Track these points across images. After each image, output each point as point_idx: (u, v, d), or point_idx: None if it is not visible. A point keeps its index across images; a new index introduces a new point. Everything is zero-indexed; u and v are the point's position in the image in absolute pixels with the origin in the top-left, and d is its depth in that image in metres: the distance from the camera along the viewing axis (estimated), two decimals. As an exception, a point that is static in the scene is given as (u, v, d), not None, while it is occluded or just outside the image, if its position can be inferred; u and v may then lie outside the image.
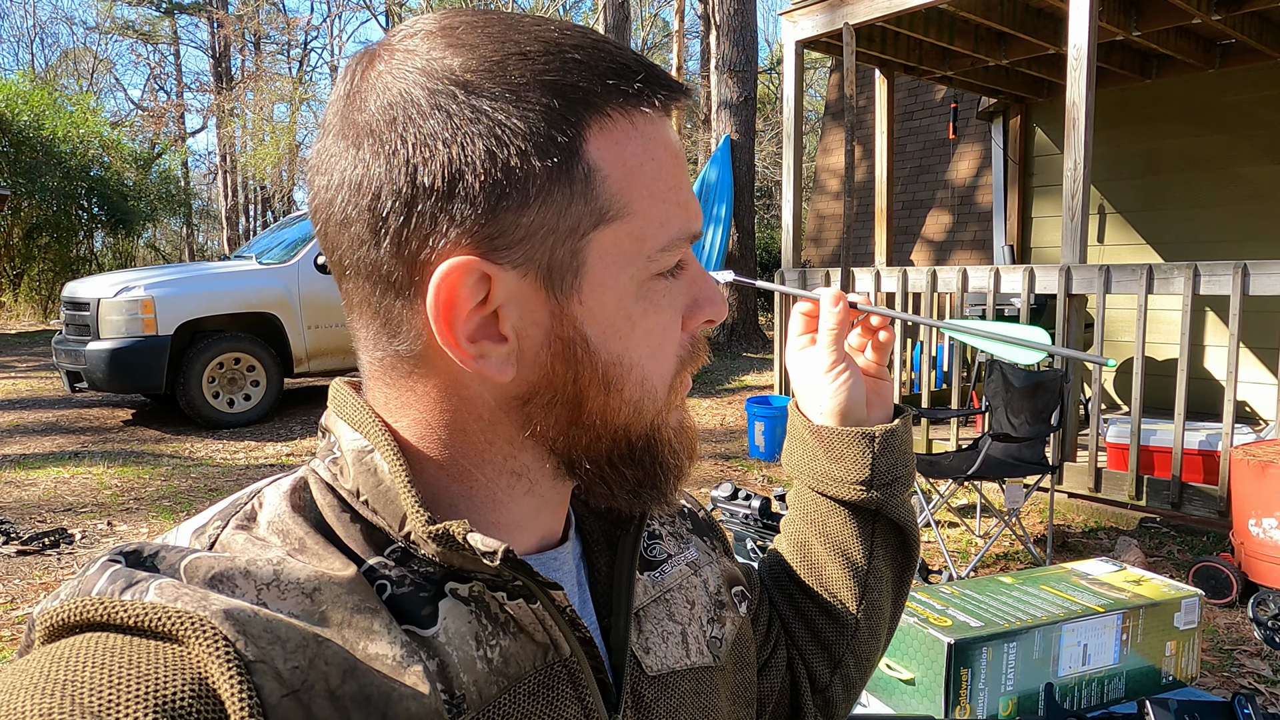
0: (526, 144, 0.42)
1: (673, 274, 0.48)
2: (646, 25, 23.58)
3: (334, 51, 30.12)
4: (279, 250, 6.94)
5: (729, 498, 1.48)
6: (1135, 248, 6.24)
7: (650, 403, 0.49)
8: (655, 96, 0.45)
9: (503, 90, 0.42)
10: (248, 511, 0.46)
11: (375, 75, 0.44)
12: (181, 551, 0.42)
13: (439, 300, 0.43)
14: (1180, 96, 6.01)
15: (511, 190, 0.42)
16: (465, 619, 0.45)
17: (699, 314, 0.50)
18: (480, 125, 0.42)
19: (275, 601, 0.41)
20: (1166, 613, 1.14)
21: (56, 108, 15.90)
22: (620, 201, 0.44)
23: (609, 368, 0.46)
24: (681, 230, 0.47)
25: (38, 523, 4.07)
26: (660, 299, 0.47)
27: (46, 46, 28.45)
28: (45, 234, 15.29)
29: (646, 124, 0.45)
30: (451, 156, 0.42)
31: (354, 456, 0.47)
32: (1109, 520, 4.13)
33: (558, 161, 0.42)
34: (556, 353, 0.45)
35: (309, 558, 0.44)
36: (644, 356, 0.47)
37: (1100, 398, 4.10)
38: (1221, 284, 3.68)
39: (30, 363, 9.38)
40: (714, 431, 6.18)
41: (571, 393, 0.46)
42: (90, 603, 0.39)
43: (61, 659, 0.37)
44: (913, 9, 4.83)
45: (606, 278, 0.45)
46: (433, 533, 0.44)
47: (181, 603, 0.38)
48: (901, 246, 8.75)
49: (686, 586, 0.61)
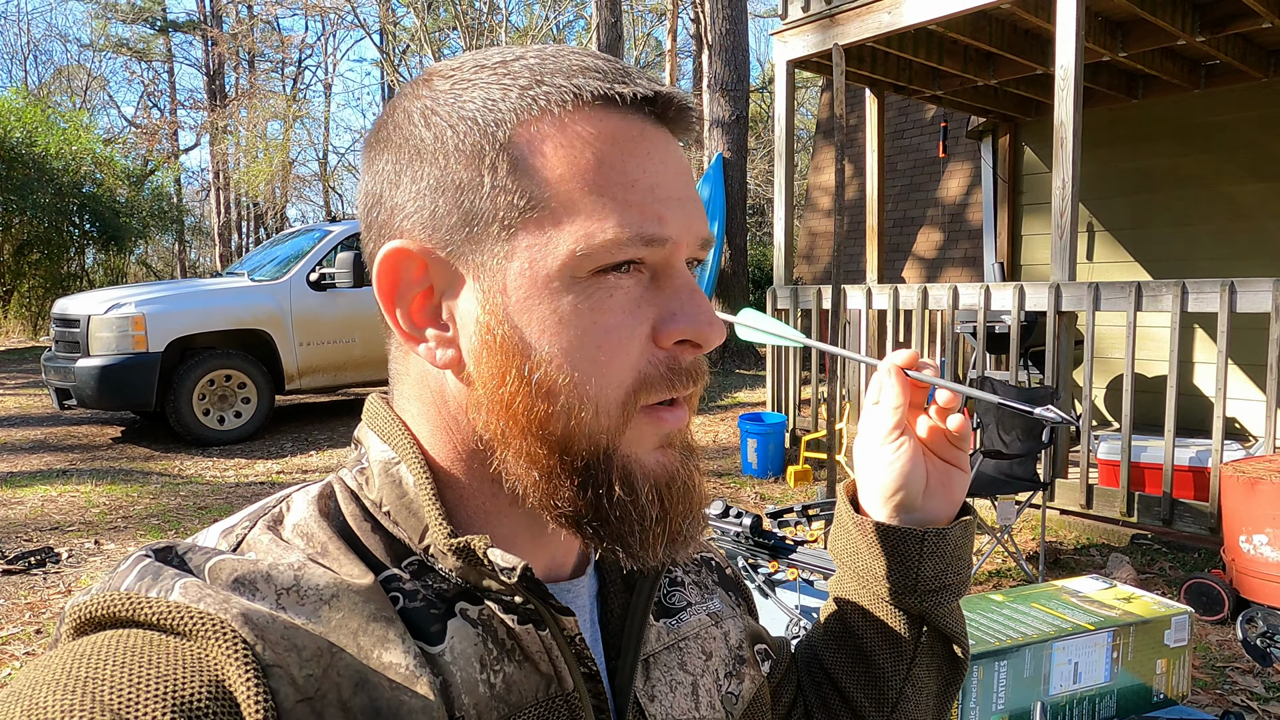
0: (454, 136, 0.45)
1: (636, 277, 0.45)
2: (640, 45, 23.77)
3: (328, 70, 30.23)
4: (271, 267, 6.93)
5: (720, 515, 1.47)
6: (1124, 265, 6.29)
7: (587, 412, 0.44)
8: (607, 88, 0.45)
9: (455, 93, 0.46)
10: (276, 514, 0.48)
11: (390, 105, 0.50)
12: (208, 553, 0.44)
13: (380, 281, 0.47)
14: (1167, 116, 6.08)
15: (444, 181, 0.45)
16: (472, 641, 0.45)
17: (673, 328, 0.46)
18: (426, 124, 0.46)
19: (294, 607, 0.42)
20: (1157, 630, 1.14)
21: (49, 125, 15.87)
22: (548, 192, 0.44)
23: (534, 364, 0.44)
24: (626, 227, 0.44)
25: (24, 541, 4.03)
26: (606, 298, 0.44)
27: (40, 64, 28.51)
28: (36, 250, 15.22)
29: (593, 119, 0.44)
30: (402, 152, 0.46)
31: (380, 468, 0.49)
32: (1101, 537, 4.13)
33: (482, 151, 0.44)
34: (487, 344, 0.45)
35: (330, 562, 0.45)
36: (575, 356, 0.44)
37: (1091, 414, 4.12)
38: (1209, 301, 3.71)
39: (19, 380, 9.32)
40: (707, 449, 6.18)
41: (498, 389, 0.45)
42: (118, 598, 0.40)
43: (84, 656, 0.38)
44: (902, 30, 4.88)
45: (530, 268, 0.44)
46: (454, 545, 0.44)
47: (204, 604, 0.40)
48: (893, 264, 8.80)
49: (705, 637, 0.59)
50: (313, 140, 27.68)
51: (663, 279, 0.46)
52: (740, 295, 10.22)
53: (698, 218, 0.47)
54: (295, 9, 24.90)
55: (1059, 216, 4.17)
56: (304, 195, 29.60)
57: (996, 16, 5.12)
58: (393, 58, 23.03)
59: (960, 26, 5.00)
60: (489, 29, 19.61)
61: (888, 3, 4.84)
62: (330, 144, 29.55)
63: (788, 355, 5.63)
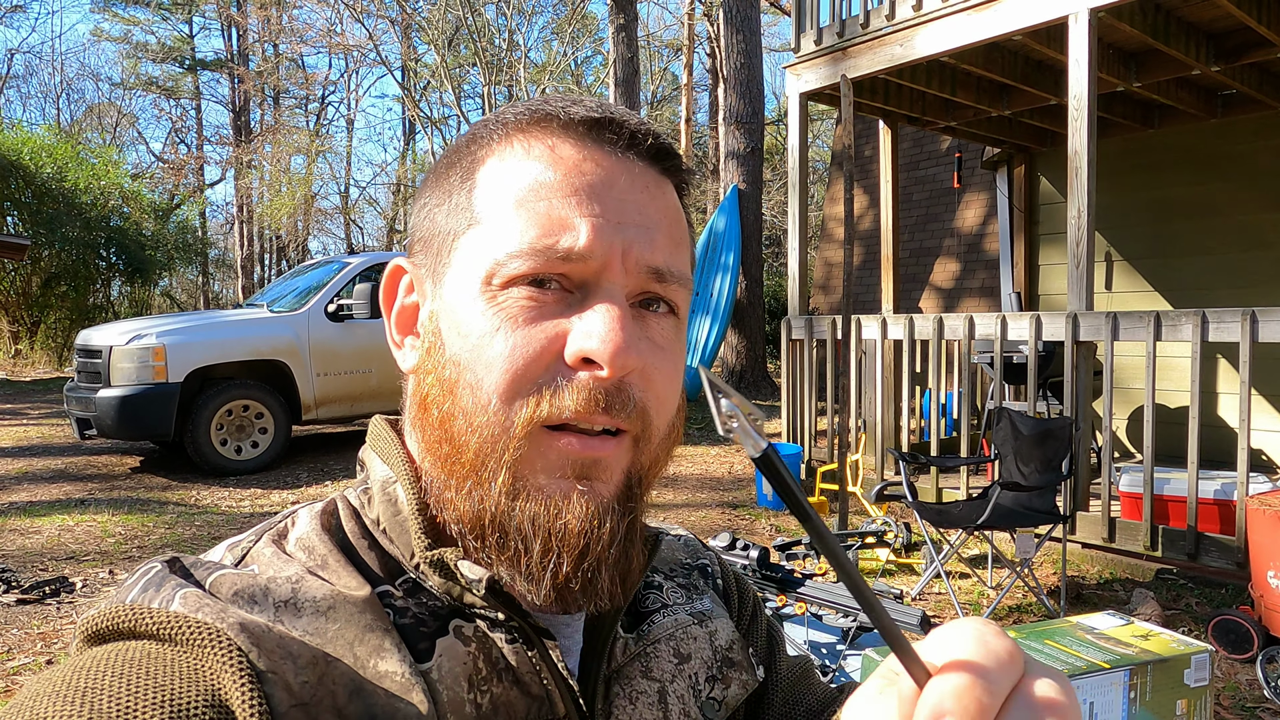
0: (442, 167, 0.51)
1: (556, 294, 0.45)
2: (656, 79, 24.08)
3: (350, 105, 30.85)
4: (290, 298, 7.01)
5: (727, 547, 1.45)
6: (1143, 294, 6.23)
7: (483, 418, 0.44)
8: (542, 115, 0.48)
9: (467, 131, 0.52)
10: (281, 529, 0.50)
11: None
12: (211, 567, 0.45)
13: (382, 294, 0.53)
14: (1184, 145, 6.06)
15: (426, 204, 0.51)
16: (462, 659, 0.45)
17: (572, 346, 0.44)
18: (440, 159, 0.53)
19: (291, 619, 0.43)
20: (1176, 669, 1.10)
21: (79, 160, 16.27)
22: (486, 209, 0.47)
23: (447, 366, 0.47)
24: (544, 238, 0.44)
25: (39, 570, 4.05)
26: (520, 313, 0.44)
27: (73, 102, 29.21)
28: (63, 283, 15.52)
29: (532, 143, 0.48)
30: (424, 182, 0.53)
31: (379, 486, 0.51)
32: (1124, 571, 4.04)
33: (457, 179, 0.50)
34: (425, 347, 0.49)
35: (329, 575, 0.46)
36: (480, 360, 0.45)
37: (1112, 446, 4.05)
38: (1230, 331, 3.66)
39: (43, 409, 9.44)
40: (721, 480, 6.13)
41: (424, 388, 0.48)
42: (123, 610, 0.42)
43: (85, 668, 0.40)
44: (914, 62, 4.91)
45: (458, 277, 0.47)
46: (429, 559, 0.46)
47: (202, 614, 0.41)
48: (909, 294, 8.77)
49: (680, 638, 0.56)
50: (335, 174, 28.17)
51: (588, 299, 0.45)
52: (756, 326, 10.21)
53: (643, 245, 0.46)
54: (320, 47, 25.49)
55: (1075, 246, 4.14)
56: (325, 228, 30.06)
57: (1009, 48, 5.15)
58: (414, 93, 23.47)
59: (972, 58, 5.03)
60: (508, 65, 19.96)
61: (899, 35, 4.88)
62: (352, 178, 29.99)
63: (803, 386, 5.59)
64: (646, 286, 0.47)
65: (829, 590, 1.42)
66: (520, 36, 19.95)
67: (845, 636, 1.40)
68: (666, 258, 0.47)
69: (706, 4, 17.35)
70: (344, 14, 22.28)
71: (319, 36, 23.76)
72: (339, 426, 8.10)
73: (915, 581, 3.84)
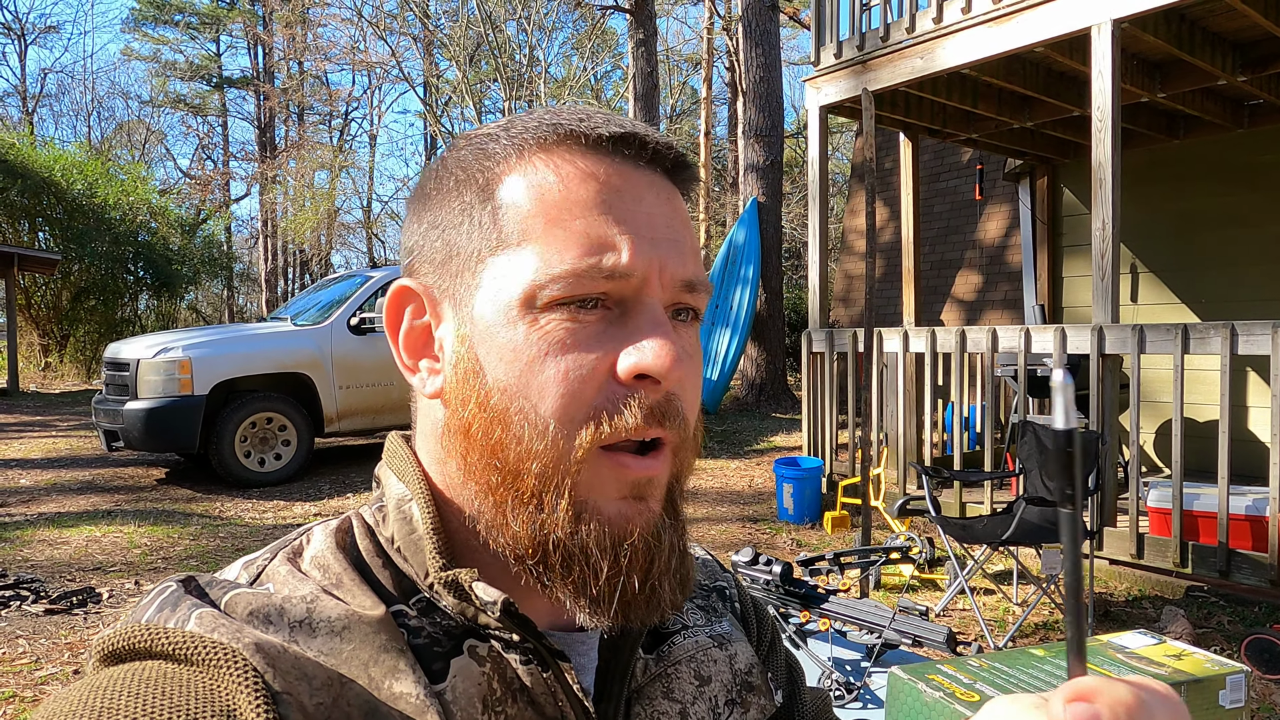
0: (452, 182, 0.49)
1: (600, 313, 0.45)
2: (676, 93, 24.18)
3: (373, 121, 31.25)
4: (314, 312, 7.09)
5: (749, 563, 1.44)
6: (1170, 307, 6.15)
7: (541, 445, 0.44)
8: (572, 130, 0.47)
9: (466, 148, 0.50)
10: (295, 546, 0.50)
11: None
12: (226, 586, 0.46)
13: (387, 315, 0.51)
14: (1210, 156, 5.99)
15: (438, 221, 0.49)
16: (476, 680, 0.45)
17: (626, 362, 0.45)
18: (437, 177, 0.51)
19: (305, 639, 0.43)
20: (1211, 690, 1.08)
21: (109, 176, 16.58)
22: (519, 229, 0.46)
23: (493, 394, 0.45)
24: (588, 258, 0.44)
25: (67, 581, 4.10)
26: (565, 335, 0.44)
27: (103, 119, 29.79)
28: (93, 297, 15.79)
29: (565, 159, 0.47)
30: (417, 202, 0.51)
31: (395, 504, 0.50)
32: (1154, 589, 3.97)
33: (473, 197, 0.48)
34: (460, 373, 0.47)
35: (343, 594, 0.46)
36: (532, 387, 0.44)
37: (1139, 460, 3.99)
38: (1260, 344, 3.60)
39: (71, 422, 9.58)
40: (742, 494, 6.10)
41: (462, 416, 0.47)
42: (138, 630, 0.42)
43: (100, 688, 0.40)
44: (935, 74, 4.90)
45: (493, 299, 0.46)
46: (444, 579, 0.46)
47: (218, 634, 0.41)
48: (931, 306, 8.71)
49: (701, 660, 0.56)
50: (358, 189, 28.48)
51: (630, 315, 0.46)
52: (776, 339, 10.19)
53: (675, 259, 0.47)
54: (343, 64, 25.85)
55: (1100, 258, 4.10)
56: (348, 242, 30.37)
57: (1030, 60, 5.12)
58: (435, 109, 23.72)
59: (994, 70, 5.01)
60: (528, 80, 20.14)
61: (920, 48, 4.87)
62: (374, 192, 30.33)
63: (823, 399, 5.56)
64: (679, 298, 0.48)
65: (853, 606, 1.40)
66: (540, 52, 20.13)
67: (870, 653, 1.39)
68: (695, 268, 0.48)
69: (726, 18, 17.42)
70: (367, 32, 22.60)
71: (343, 54, 24.11)
72: (361, 439, 8.15)
73: (939, 598, 3.80)
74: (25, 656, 3.20)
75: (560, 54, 24.23)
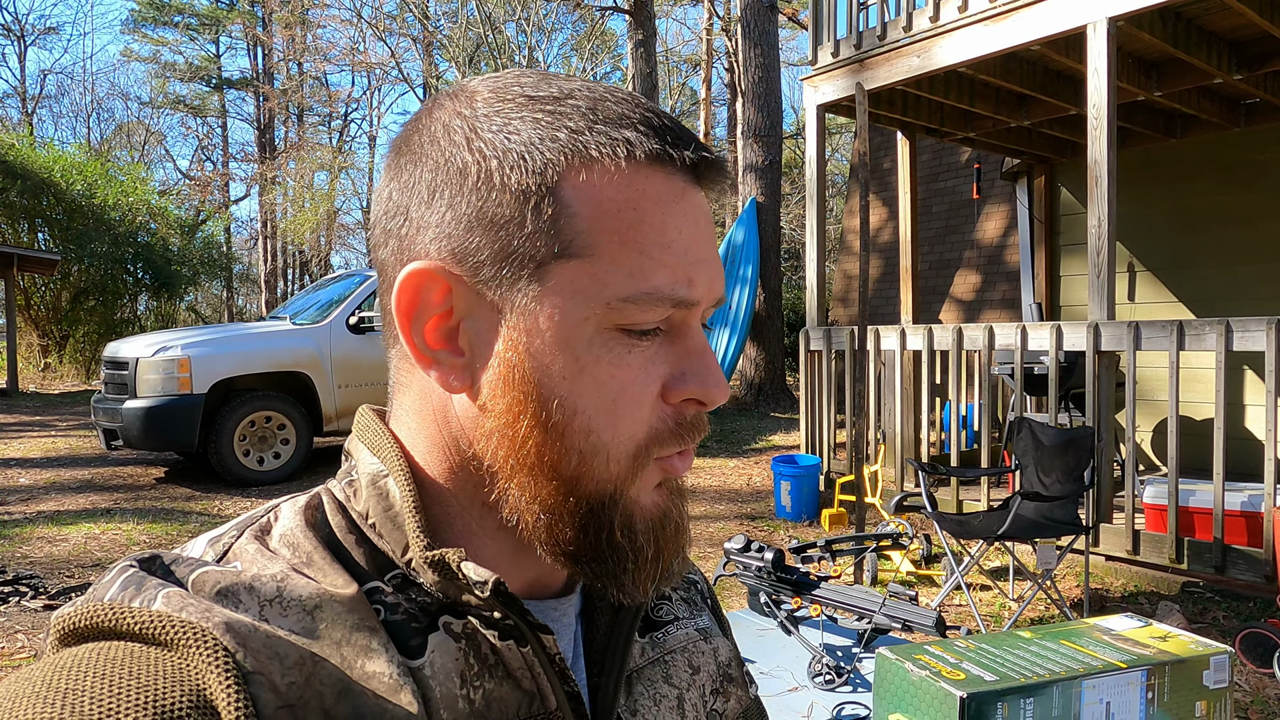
0: (501, 170, 0.44)
1: (653, 336, 0.45)
2: (675, 94, 24.21)
3: (373, 122, 31.30)
4: (312, 311, 7.10)
5: (741, 550, 1.45)
6: (1168, 305, 6.16)
7: (599, 461, 0.45)
8: (654, 147, 0.45)
9: (501, 120, 0.45)
10: (263, 524, 0.48)
11: (423, 114, 0.49)
12: (192, 564, 0.44)
13: (400, 299, 0.46)
14: (1207, 155, 6.00)
15: (485, 213, 0.44)
16: (453, 655, 0.45)
17: (682, 387, 0.46)
18: (469, 147, 0.45)
19: (277, 618, 0.42)
20: (1195, 670, 1.09)
21: (108, 177, 16.60)
22: (586, 240, 0.43)
23: (549, 406, 0.44)
24: (660, 288, 0.44)
25: (66, 578, 4.11)
26: (625, 354, 0.44)
27: (103, 120, 29.82)
28: (92, 297, 15.81)
29: (640, 175, 0.44)
30: (439, 172, 0.46)
31: (368, 480, 0.48)
32: (1149, 584, 3.98)
33: (528, 190, 0.44)
34: (504, 377, 0.45)
35: (314, 572, 0.44)
36: (593, 407, 0.44)
37: (1136, 458, 4.00)
38: (1255, 340, 3.61)
39: (70, 422, 9.59)
40: (740, 492, 6.11)
41: (511, 424, 0.45)
42: (101, 608, 0.40)
43: (64, 667, 0.38)
44: (933, 73, 4.91)
45: (559, 314, 0.44)
46: (429, 558, 0.44)
47: (186, 613, 0.40)
48: (930, 306, 8.72)
49: (692, 651, 0.58)
50: (357, 190, 28.50)
51: (677, 338, 0.47)
52: (775, 338, 10.20)
53: (719, 279, 0.48)
54: (343, 65, 25.89)
55: (1096, 255, 4.11)
56: (348, 243, 30.41)
57: (1027, 58, 5.14)
58: (435, 110, 23.71)
59: (991, 69, 5.02)
60: (528, 81, 20.13)
61: (917, 46, 4.89)
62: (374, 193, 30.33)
63: (821, 398, 5.58)
64: (708, 313, 0.49)
65: (844, 592, 1.42)
66: (540, 53, 20.16)
67: (860, 639, 1.40)
68: (724, 285, 0.49)
69: (725, 19, 17.45)
70: (367, 33, 22.64)
71: (342, 55, 24.15)
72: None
73: (936, 593, 3.81)
74: (24, 651, 3.21)
75: (560, 55, 24.28)
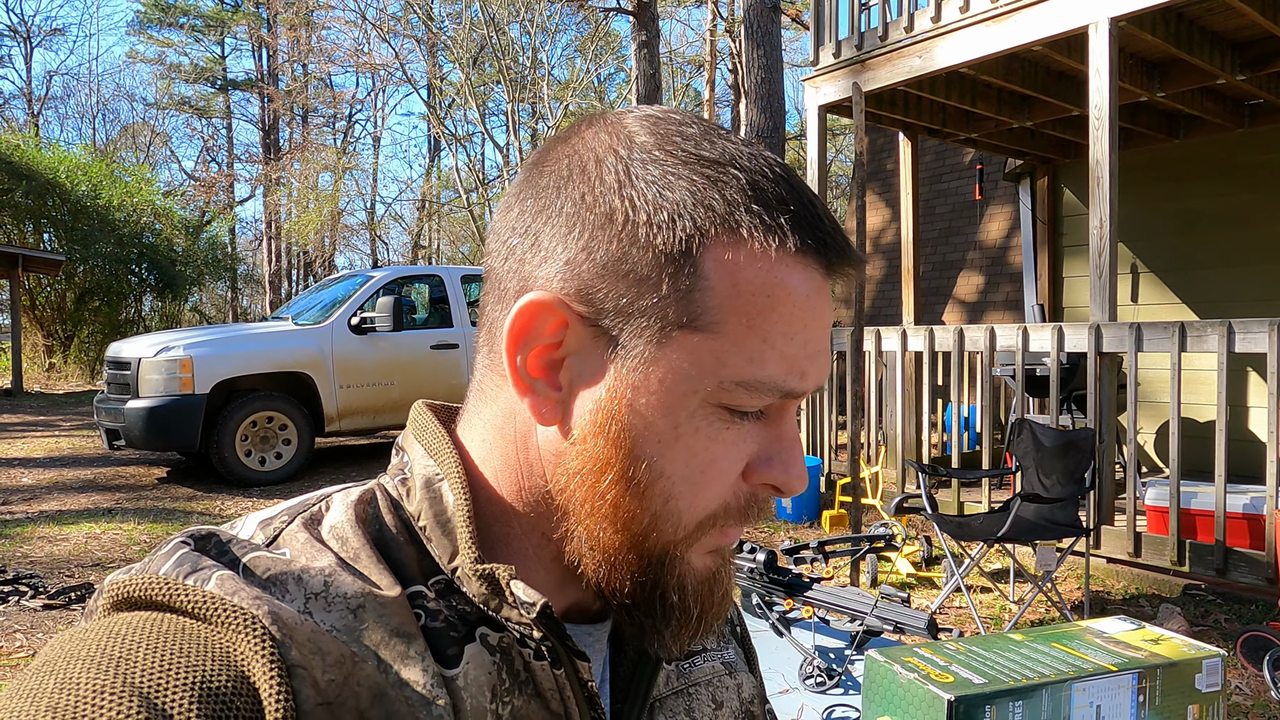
0: (649, 226, 0.43)
1: (751, 417, 0.46)
2: (679, 95, 24.21)
3: (377, 123, 31.32)
4: (315, 311, 7.11)
5: (734, 550, 1.44)
6: (1171, 307, 6.14)
7: (669, 525, 0.45)
8: (802, 240, 0.44)
9: (659, 172, 0.44)
10: (314, 513, 0.48)
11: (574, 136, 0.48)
12: (245, 546, 0.44)
13: (515, 322, 0.45)
14: (1210, 156, 5.98)
15: (619, 257, 0.44)
16: (486, 669, 0.45)
17: (765, 471, 0.46)
18: (620, 193, 0.44)
19: (320, 612, 0.42)
20: (1187, 673, 1.08)
21: (113, 178, 16.66)
22: (715, 317, 0.43)
23: (638, 465, 0.44)
24: (774, 378, 0.44)
25: (66, 578, 4.12)
26: (721, 430, 0.45)
27: (108, 122, 29.92)
28: (96, 298, 15.86)
29: (782, 264, 0.44)
30: (582, 208, 0.45)
31: (423, 481, 0.48)
32: (1151, 587, 3.96)
33: (671, 254, 0.43)
34: (598, 425, 0.45)
35: (361, 569, 0.45)
36: (677, 474, 0.45)
37: (1137, 460, 3.98)
38: (1257, 341, 3.60)
39: (74, 422, 9.62)
40: (741, 493, 6.10)
41: (595, 471, 0.45)
42: (157, 581, 0.41)
43: (119, 635, 0.39)
44: (934, 73, 4.90)
45: (670, 380, 0.44)
46: (479, 572, 0.45)
47: (238, 598, 0.40)
48: (933, 307, 8.71)
49: (717, 685, 0.58)
50: (361, 191, 28.56)
51: (772, 422, 0.47)
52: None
53: (826, 368, 0.48)
54: (347, 66, 25.96)
55: (1097, 256, 4.10)
56: (352, 244, 30.44)
57: (1029, 59, 5.12)
58: (439, 111, 23.79)
59: (992, 69, 5.01)
60: (532, 82, 20.18)
61: (918, 47, 4.88)
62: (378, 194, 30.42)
63: (821, 399, 5.56)
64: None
65: (837, 594, 1.41)
66: (544, 54, 20.18)
67: (852, 641, 1.39)
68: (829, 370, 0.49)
69: (728, 20, 17.45)
70: (371, 34, 22.68)
71: (347, 56, 24.21)
72: (361, 439, 8.17)
73: (936, 595, 3.80)
74: (22, 650, 3.22)
75: (564, 56, 24.31)
